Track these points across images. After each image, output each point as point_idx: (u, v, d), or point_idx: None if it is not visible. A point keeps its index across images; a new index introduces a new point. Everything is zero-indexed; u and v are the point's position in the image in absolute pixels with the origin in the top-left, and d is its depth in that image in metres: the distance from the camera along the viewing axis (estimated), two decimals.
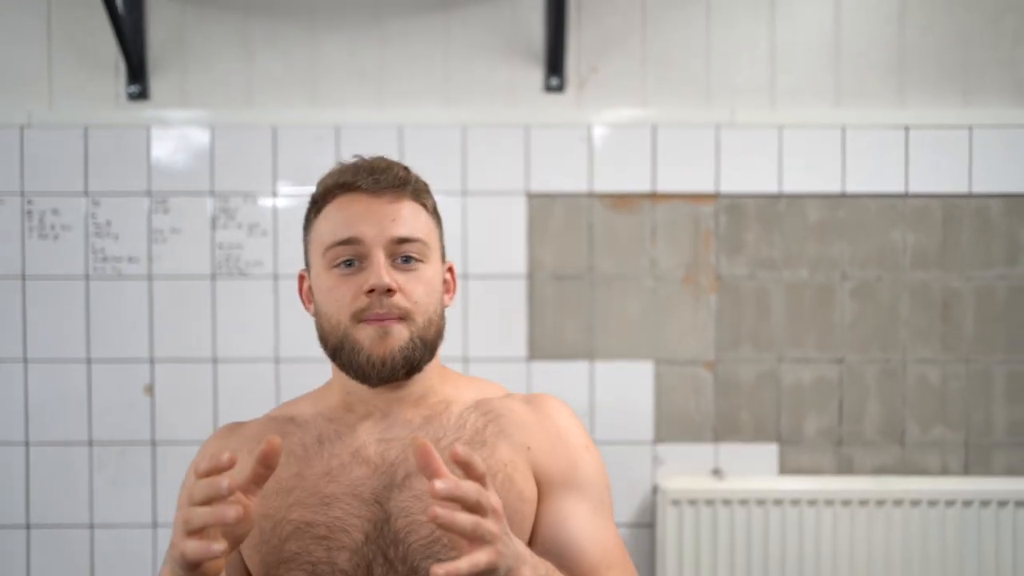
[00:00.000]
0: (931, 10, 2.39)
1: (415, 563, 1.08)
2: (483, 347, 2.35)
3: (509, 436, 1.15)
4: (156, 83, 2.37)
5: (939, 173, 2.37)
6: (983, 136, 2.37)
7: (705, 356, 2.38)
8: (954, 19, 2.39)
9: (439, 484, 0.88)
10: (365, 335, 1.11)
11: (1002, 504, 2.28)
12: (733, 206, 2.38)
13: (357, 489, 1.11)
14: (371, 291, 1.10)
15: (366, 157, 1.21)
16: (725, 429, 2.37)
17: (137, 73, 2.34)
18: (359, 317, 1.12)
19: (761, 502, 2.29)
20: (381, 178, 1.15)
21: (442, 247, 1.22)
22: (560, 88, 2.38)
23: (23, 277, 2.35)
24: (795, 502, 2.29)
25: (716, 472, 2.36)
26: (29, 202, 2.35)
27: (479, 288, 2.36)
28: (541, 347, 2.34)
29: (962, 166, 2.37)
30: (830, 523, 2.29)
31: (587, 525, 1.13)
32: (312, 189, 2.29)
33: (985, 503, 2.28)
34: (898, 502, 2.29)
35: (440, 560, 1.05)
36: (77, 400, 2.35)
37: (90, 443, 2.35)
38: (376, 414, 1.17)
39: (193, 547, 0.91)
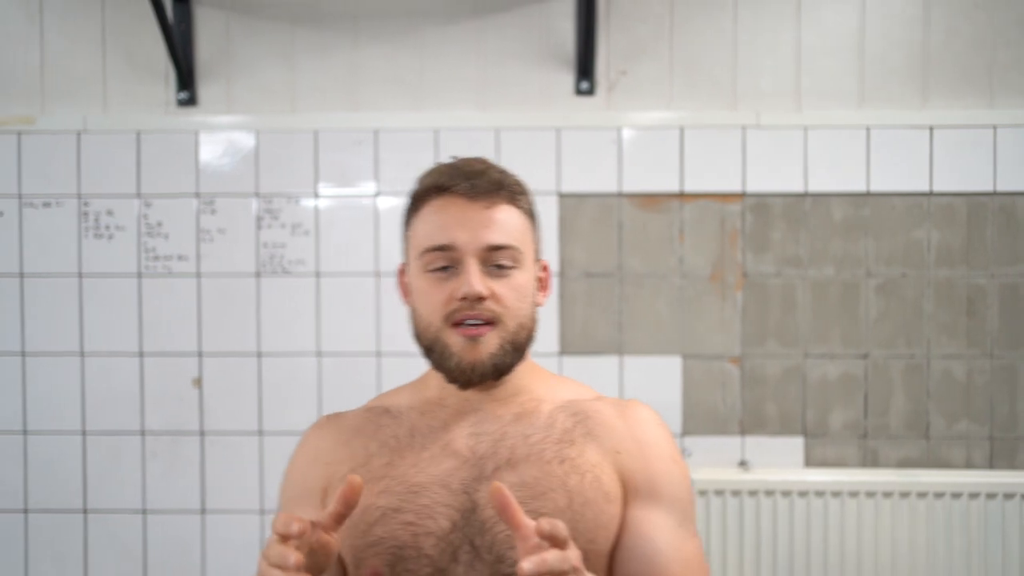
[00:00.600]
0: (955, 12, 2.44)
1: (501, 552, 1.10)
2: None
3: (597, 438, 1.17)
4: (204, 90, 2.49)
5: (963, 172, 2.42)
6: (1007, 135, 2.40)
7: (732, 351, 2.44)
8: (978, 21, 2.44)
9: (527, 566, 0.91)
10: (456, 341, 1.15)
11: None
12: (759, 205, 2.44)
13: (446, 480, 1.13)
14: (463, 298, 1.13)
15: (464, 157, 1.23)
16: (751, 422, 2.43)
17: (186, 80, 2.46)
18: (451, 320, 1.14)
19: (787, 494, 2.34)
20: (476, 183, 1.17)
21: (536, 247, 1.23)
22: (590, 91, 2.45)
23: (80, 275, 2.47)
24: (820, 494, 2.34)
25: (743, 464, 2.42)
26: (85, 204, 2.47)
27: None
28: (572, 342, 2.42)
29: (986, 165, 2.41)
30: (855, 514, 2.34)
31: (671, 539, 1.13)
32: (352, 190, 2.42)
33: (1009, 496, 2.32)
34: (922, 494, 2.33)
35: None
36: (130, 392, 2.47)
37: (142, 433, 2.47)
38: (467, 409, 1.19)
39: None
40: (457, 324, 1.15)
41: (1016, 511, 2.32)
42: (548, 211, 2.44)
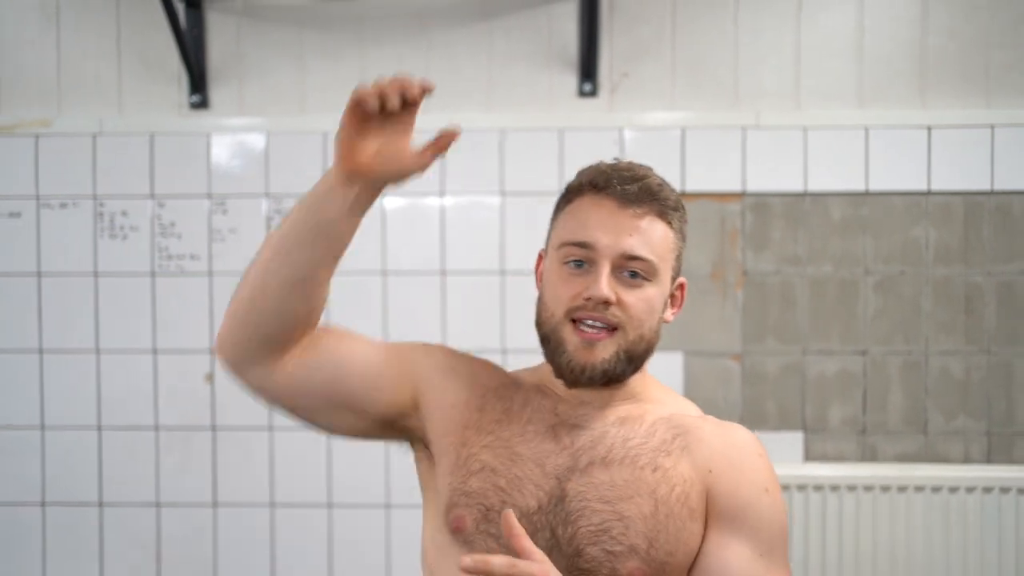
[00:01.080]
0: (953, 14, 2.47)
1: (581, 547, 1.11)
2: (521, 339, 2.48)
3: (692, 453, 1.16)
4: (216, 93, 2.55)
5: (961, 171, 2.45)
6: (1005, 135, 2.44)
7: (732, 348, 2.49)
8: (976, 22, 2.47)
9: (467, 560, 0.97)
10: (572, 339, 1.15)
11: (1021, 491, 2.35)
12: (759, 204, 2.48)
13: (542, 459, 1.15)
14: (589, 298, 1.13)
15: (629, 162, 1.23)
16: (752, 418, 2.48)
17: (198, 84, 2.52)
18: (572, 315, 1.15)
19: (786, 488, 2.38)
20: (630, 189, 1.16)
21: (677, 265, 1.21)
22: (593, 93, 2.50)
23: (95, 274, 2.54)
24: (819, 488, 2.39)
25: None
26: (101, 205, 2.53)
27: (517, 284, 2.49)
28: None
29: (984, 164, 2.45)
30: (853, 508, 2.38)
31: (746, 568, 1.12)
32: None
33: (1005, 490, 2.36)
34: (920, 488, 2.37)
35: (606, 550, 1.10)
36: (144, 388, 2.53)
37: (156, 428, 2.53)
38: (576, 403, 1.20)
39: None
40: (577, 321, 1.15)
41: (1012, 505, 2.35)
42: (551, 211, 2.48)
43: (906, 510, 2.37)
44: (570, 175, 2.50)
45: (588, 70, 2.47)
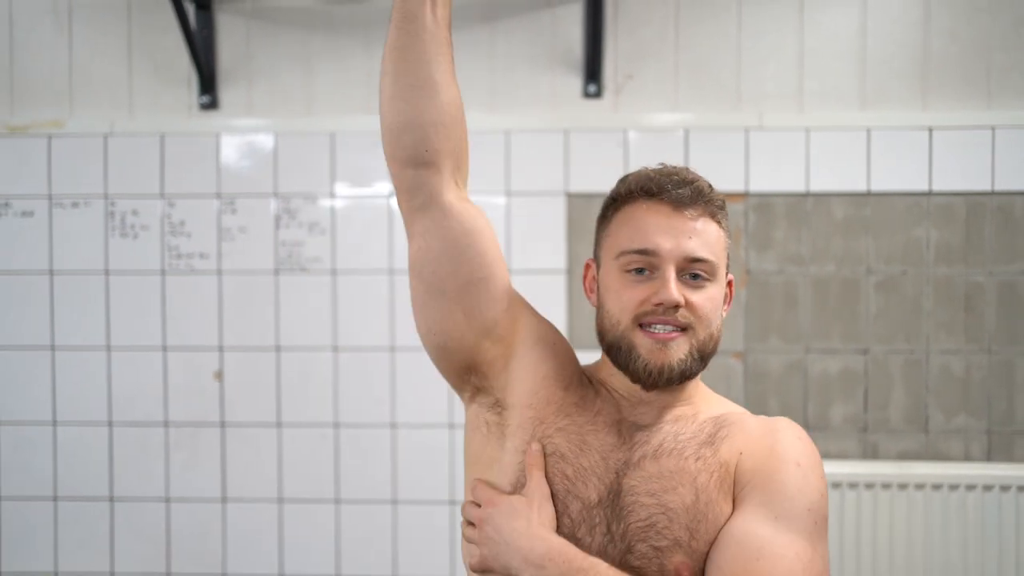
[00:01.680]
0: (955, 16, 2.50)
1: (632, 544, 1.13)
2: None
3: (731, 440, 1.18)
4: (225, 94, 2.58)
5: (962, 172, 2.47)
6: (1006, 136, 2.46)
7: (735, 347, 2.51)
8: (977, 25, 2.49)
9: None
10: (644, 343, 1.16)
11: (1022, 489, 2.37)
12: (762, 205, 2.51)
13: (605, 452, 1.18)
14: (659, 304, 1.15)
15: (672, 166, 1.25)
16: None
17: (208, 85, 2.55)
18: (640, 320, 1.16)
19: None
20: (685, 192, 1.18)
21: (728, 263, 1.24)
22: (598, 94, 2.53)
23: (106, 273, 2.57)
24: None
25: None
26: (111, 204, 2.57)
27: (522, 282, 2.50)
28: (580, 337, 2.49)
29: (985, 165, 2.47)
30: (855, 506, 2.40)
31: (752, 530, 1.11)
32: (368, 190, 2.51)
33: (1005, 488, 2.38)
34: (921, 486, 2.40)
35: (653, 546, 1.12)
36: (154, 385, 2.57)
37: (166, 424, 2.57)
38: (636, 400, 1.22)
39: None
40: (645, 326, 1.16)
41: (1012, 503, 2.38)
42: (556, 211, 2.51)
43: (907, 508, 2.40)
44: (575, 175, 2.55)
45: (593, 72, 2.50)
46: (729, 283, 1.26)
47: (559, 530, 1.15)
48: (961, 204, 2.48)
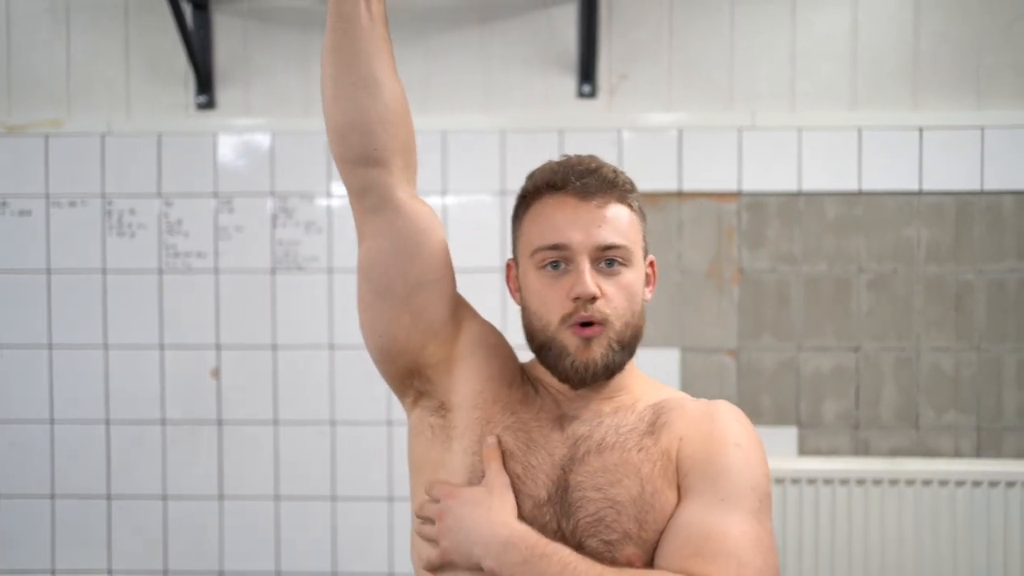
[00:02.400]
0: (945, 17, 2.52)
1: (581, 540, 1.13)
2: (518, 335, 2.52)
3: (671, 426, 1.19)
4: (222, 94, 2.60)
5: (952, 171, 2.50)
6: (995, 136, 2.49)
7: (728, 344, 2.54)
8: (967, 25, 2.52)
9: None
10: (572, 341, 1.17)
11: (1010, 485, 2.41)
12: (755, 204, 2.53)
13: (551, 448, 1.18)
14: (577, 298, 1.15)
15: (576, 155, 1.25)
16: (747, 413, 2.49)
17: (205, 85, 2.57)
18: (567, 321, 1.17)
19: (780, 481, 2.44)
20: (590, 182, 1.18)
21: (645, 245, 1.24)
22: (592, 95, 2.55)
23: (104, 271, 2.59)
24: (813, 482, 2.44)
25: None
26: (109, 203, 2.58)
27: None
28: None
29: (974, 165, 2.50)
30: (846, 502, 2.43)
31: (699, 515, 1.12)
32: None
33: (994, 484, 2.41)
34: (911, 482, 2.42)
35: (603, 540, 1.12)
36: (151, 383, 2.58)
37: (163, 422, 2.58)
38: (573, 396, 1.23)
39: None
40: (571, 326, 1.17)
41: (1001, 499, 2.40)
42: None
43: (898, 503, 2.42)
44: None
45: (587, 72, 2.52)
46: (651, 264, 1.27)
47: None
48: (951, 203, 2.51)
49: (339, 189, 2.57)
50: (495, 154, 2.55)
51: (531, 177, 1.25)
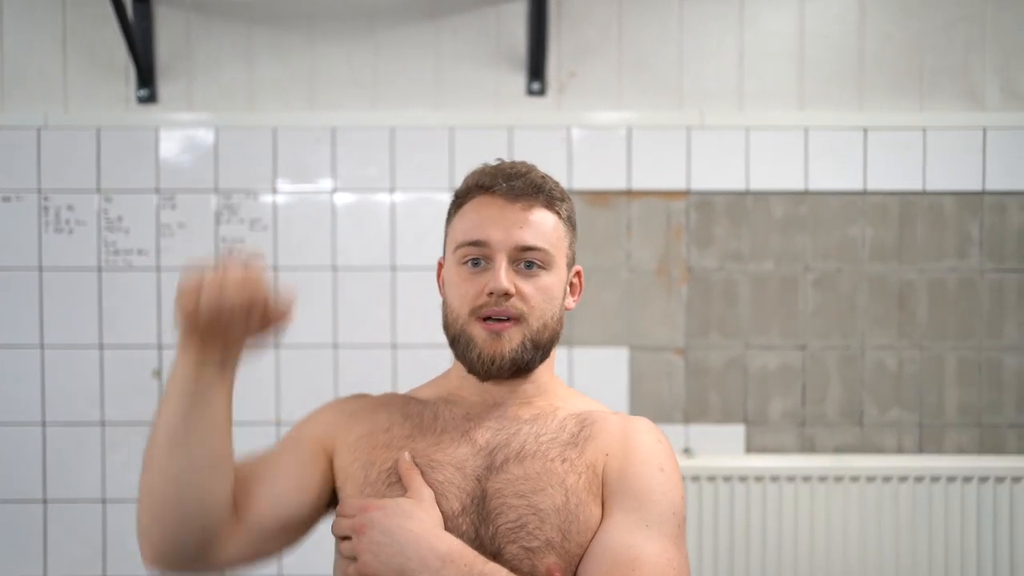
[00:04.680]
0: (889, 20, 2.56)
1: (501, 546, 1.12)
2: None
3: (595, 441, 1.19)
4: (164, 87, 2.54)
5: (895, 172, 2.54)
6: (936, 138, 2.53)
7: (676, 343, 2.54)
8: (910, 28, 2.56)
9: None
10: (479, 333, 1.19)
11: (951, 480, 2.45)
12: (703, 202, 2.54)
13: (461, 463, 1.17)
14: (490, 293, 1.18)
15: (511, 161, 1.28)
16: (695, 411, 2.54)
17: (146, 78, 2.50)
18: (477, 313, 1.19)
19: (728, 479, 2.45)
20: (516, 184, 1.21)
21: (571, 253, 1.27)
22: (541, 92, 2.54)
23: (40, 269, 2.51)
24: (760, 479, 2.46)
25: (687, 451, 2.53)
26: (45, 199, 2.51)
27: None
28: None
29: (917, 165, 2.54)
30: (792, 498, 2.45)
31: (624, 539, 1.12)
32: (310, 186, 2.50)
33: (936, 479, 2.45)
34: (856, 478, 2.45)
35: (524, 547, 1.11)
36: (90, 383, 2.52)
37: (102, 424, 2.52)
38: (491, 404, 1.24)
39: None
40: (483, 319, 1.19)
41: (942, 493, 2.45)
42: None
43: (843, 499, 2.45)
44: None
45: (536, 69, 2.51)
46: (577, 274, 1.30)
47: None
48: (894, 203, 2.55)
49: (284, 186, 2.53)
50: (444, 151, 2.53)
51: (465, 179, 1.27)
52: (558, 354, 2.49)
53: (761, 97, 2.56)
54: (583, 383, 2.49)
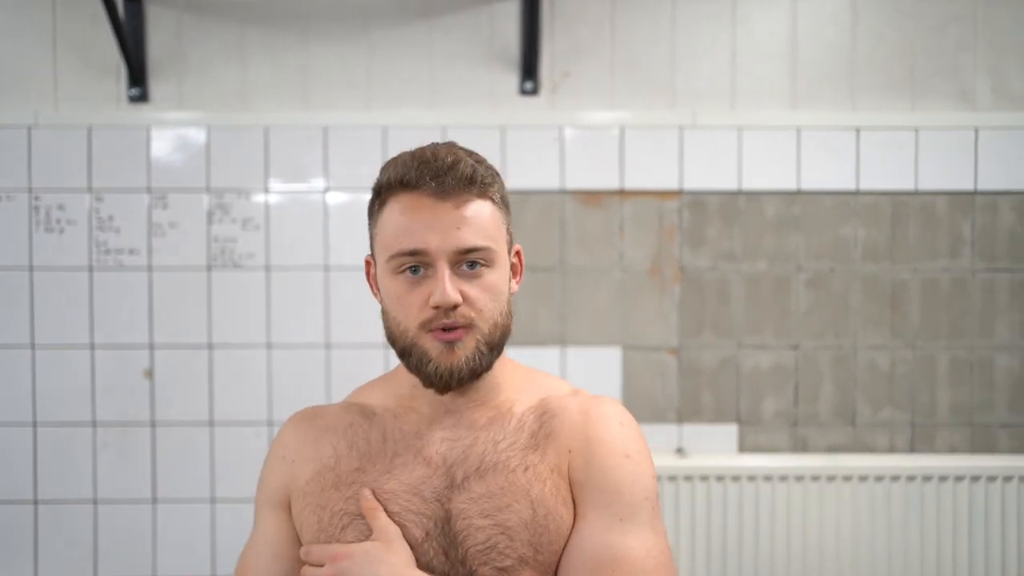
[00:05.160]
0: (881, 20, 2.57)
1: (473, 568, 1.09)
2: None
3: (556, 439, 1.15)
4: (156, 86, 2.53)
5: (888, 172, 2.54)
6: (928, 138, 2.54)
7: (669, 343, 2.54)
8: (902, 29, 2.57)
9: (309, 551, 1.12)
10: (433, 346, 1.11)
11: (943, 479, 2.45)
12: (696, 202, 2.54)
13: (418, 488, 1.12)
14: (437, 307, 1.09)
15: (431, 145, 1.16)
16: (688, 411, 2.54)
17: (138, 77, 2.49)
18: (427, 327, 1.11)
19: (721, 478, 2.45)
20: (446, 180, 1.10)
21: (509, 237, 1.18)
22: (534, 92, 2.54)
23: (31, 268, 2.50)
24: (753, 478, 2.46)
25: (680, 451, 2.53)
26: (36, 198, 2.50)
27: None
28: (515, 334, 2.50)
29: (909, 165, 2.54)
30: (785, 497, 2.46)
31: (600, 539, 1.09)
32: (302, 186, 2.48)
33: (928, 478, 2.45)
34: (848, 478, 2.46)
35: (497, 567, 1.08)
36: (81, 383, 2.50)
37: (93, 424, 2.51)
38: (442, 412, 1.17)
39: None
40: (433, 331, 1.11)
41: (934, 492, 2.45)
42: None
43: (835, 498, 2.46)
44: (512, 172, 2.55)
45: (529, 69, 2.51)
46: (517, 254, 1.21)
47: None
48: (887, 203, 2.55)
49: (277, 185, 2.52)
50: None
51: (384, 170, 1.16)
52: (551, 354, 2.50)
53: (754, 97, 2.56)
54: (576, 383, 2.49)
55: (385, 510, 1.11)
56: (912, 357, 2.55)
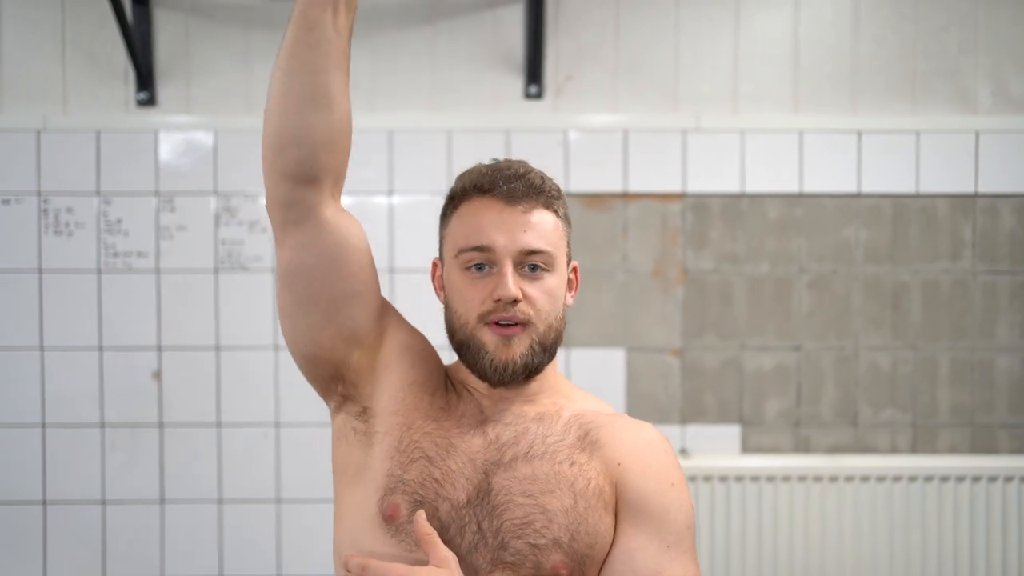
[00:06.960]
0: (882, 24, 2.59)
1: (506, 540, 1.14)
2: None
3: (603, 447, 1.20)
4: (163, 90, 2.55)
5: (889, 175, 2.56)
6: (929, 140, 2.56)
7: (672, 344, 2.56)
8: (903, 32, 2.59)
9: (353, 559, 1.08)
10: (491, 340, 1.18)
11: (944, 480, 2.47)
12: (699, 205, 2.57)
13: (473, 454, 1.19)
14: (498, 300, 1.16)
15: (505, 160, 1.27)
16: (691, 411, 2.56)
17: (146, 81, 2.52)
18: (485, 319, 1.18)
19: (724, 479, 2.47)
20: (516, 187, 1.20)
21: (568, 250, 1.26)
22: (539, 95, 2.56)
23: (40, 271, 2.52)
24: (755, 479, 2.48)
25: (683, 451, 2.55)
26: (45, 201, 2.52)
27: None
28: None
29: (910, 168, 2.56)
30: (787, 498, 2.48)
31: (654, 561, 1.15)
32: None
33: (929, 479, 2.47)
34: (850, 478, 2.48)
35: (530, 543, 1.13)
36: (90, 385, 2.53)
37: (102, 425, 2.53)
38: (498, 399, 1.24)
39: None
40: (490, 324, 1.18)
41: (935, 493, 2.47)
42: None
43: (837, 499, 2.48)
44: None
45: (533, 73, 2.53)
46: (574, 270, 1.29)
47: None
48: (888, 205, 2.57)
49: None
50: (442, 154, 2.54)
51: (460, 178, 1.26)
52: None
53: (756, 100, 2.58)
54: (580, 383, 2.50)
55: (442, 463, 1.17)
56: (913, 358, 2.57)
